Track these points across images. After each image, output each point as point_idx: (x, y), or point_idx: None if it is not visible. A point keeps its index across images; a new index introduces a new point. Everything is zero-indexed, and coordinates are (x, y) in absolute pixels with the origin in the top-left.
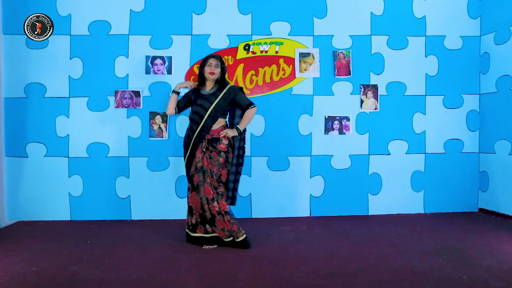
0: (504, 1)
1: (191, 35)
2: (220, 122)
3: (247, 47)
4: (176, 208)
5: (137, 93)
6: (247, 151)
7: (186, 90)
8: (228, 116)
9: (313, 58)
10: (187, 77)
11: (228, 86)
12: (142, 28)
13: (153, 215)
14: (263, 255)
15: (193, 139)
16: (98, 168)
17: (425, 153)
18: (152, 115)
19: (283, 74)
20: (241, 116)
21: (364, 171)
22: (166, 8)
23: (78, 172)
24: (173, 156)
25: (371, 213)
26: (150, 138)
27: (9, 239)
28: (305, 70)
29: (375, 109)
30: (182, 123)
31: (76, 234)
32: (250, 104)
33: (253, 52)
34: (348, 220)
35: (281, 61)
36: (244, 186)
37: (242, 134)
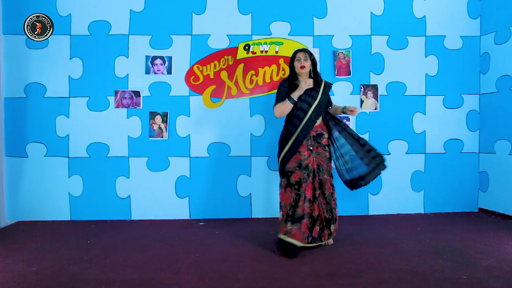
0: (504, 1)
1: (191, 35)
2: (321, 117)
3: (247, 47)
4: (176, 208)
5: (137, 93)
6: (247, 151)
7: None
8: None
9: None
10: (187, 77)
11: (324, 81)
12: (142, 28)
13: (153, 215)
14: (263, 255)
15: (296, 134)
16: (98, 168)
17: (425, 153)
18: (152, 115)
19: (283, 74)
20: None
21: None
22: (166, 8)
23: (78, 172)
24: (173, 156)
25: (371, 213)
26: (150, 138)
27: (9, 239)
28: None
29: (375, 109)
30: (182, 123)
31: (76, 234)
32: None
33: (253, 52)
34: (348, 220)
35: (281, 61)
36: (244, 186)
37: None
